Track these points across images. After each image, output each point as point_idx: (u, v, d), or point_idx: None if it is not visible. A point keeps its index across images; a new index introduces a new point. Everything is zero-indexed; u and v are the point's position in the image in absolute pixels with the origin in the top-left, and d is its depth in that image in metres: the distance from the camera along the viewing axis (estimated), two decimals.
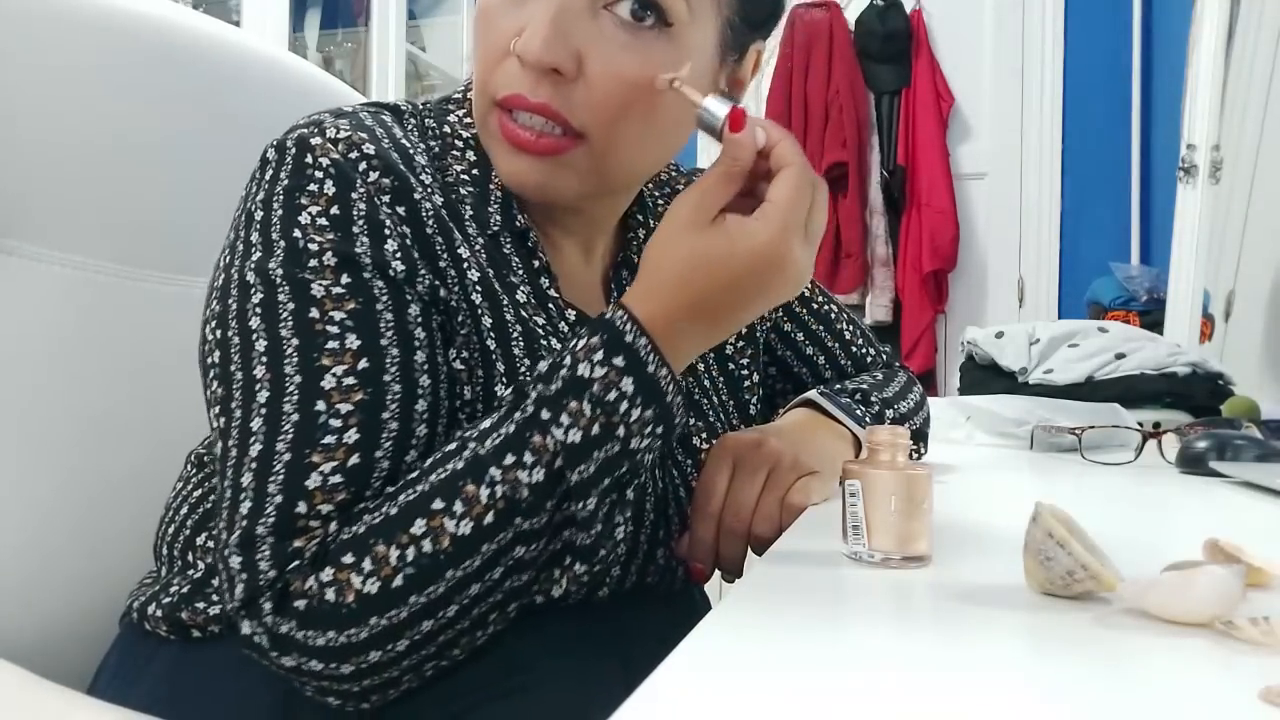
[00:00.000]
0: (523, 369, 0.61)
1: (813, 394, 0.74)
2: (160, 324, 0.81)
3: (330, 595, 0.50)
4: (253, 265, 0.56)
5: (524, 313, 0.63)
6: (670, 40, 0.59)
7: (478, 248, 0.62)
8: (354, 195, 0.57)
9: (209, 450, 0.69)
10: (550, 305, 0.65)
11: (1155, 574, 0.39)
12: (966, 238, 2.91)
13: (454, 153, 0.65)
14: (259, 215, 0.57)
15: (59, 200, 0.74)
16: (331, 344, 0.54)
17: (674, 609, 0.71)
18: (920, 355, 2.83)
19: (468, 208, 0.63)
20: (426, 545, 0.50)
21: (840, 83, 2.90)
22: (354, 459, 0.52)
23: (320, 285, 0.55)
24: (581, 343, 0.54)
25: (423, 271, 0.58)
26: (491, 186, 0.64)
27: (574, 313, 0.67)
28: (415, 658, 0.52)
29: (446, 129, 0.66)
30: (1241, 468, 0.86)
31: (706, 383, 0.75)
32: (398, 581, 0.50)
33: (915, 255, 2.86)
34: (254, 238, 0.57)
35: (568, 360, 0.53)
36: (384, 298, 0.56)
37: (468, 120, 0.66)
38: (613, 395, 0.52)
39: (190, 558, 0.66)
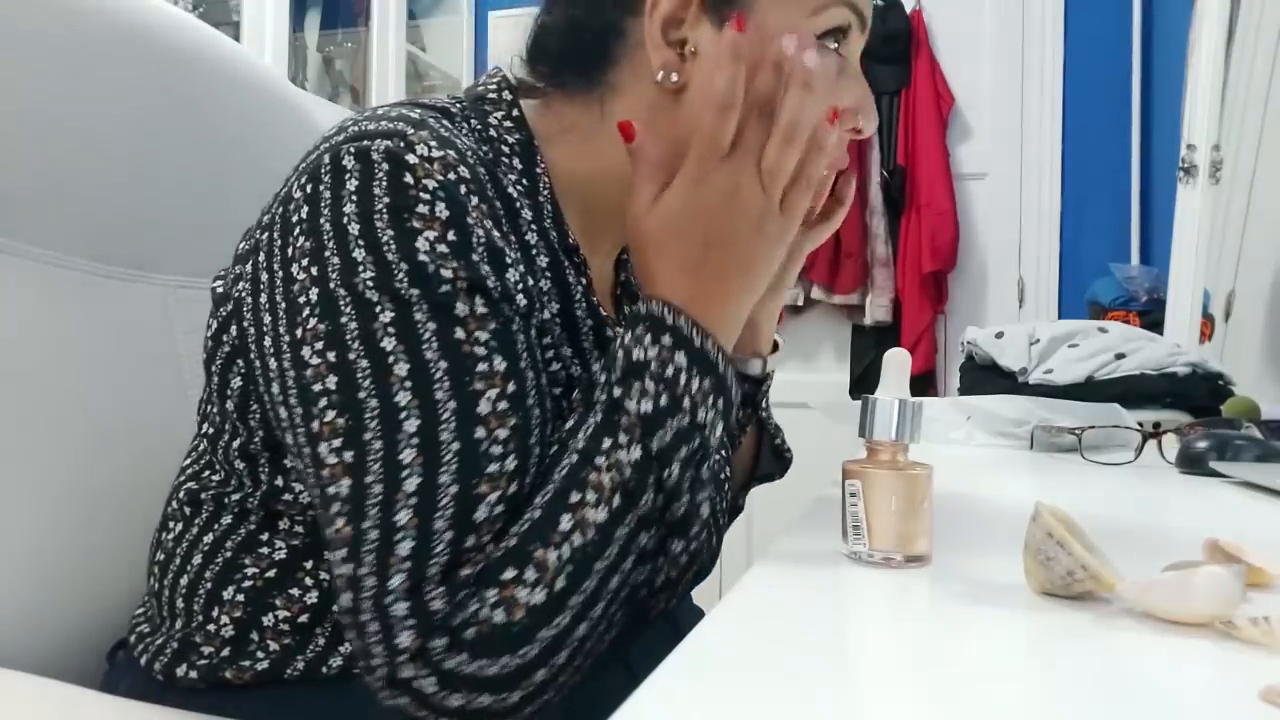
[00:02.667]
0: None
1: None
2: (142, 323, 0.81)
3: (499, 616, 0.48)
4: (370, 282, 0.52)
5: (590, 339, 0.65)
6: None
7: (544, 271, 0.62)
8: (469, 221, 0.54)
9: (224, 487, 0.64)
10: (607, 325, 0.66)
11: (1155, 574, 0.39)
12: (966, 238, 2.91)
13: (504, 160, 0.62)
14: (357, 229, 0.52)
15: (38, 196, 0.73)
16: (481, 366, 0.52)
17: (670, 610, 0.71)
18: (920, 355, 2.82)
19: (529, 225, 0.62)
20: (576, 539, 0.50)
21: None
22: (513, 487, 0.51)
23: (462, 305, 0.52)
24: (629, 334, 0.56)
25: (536, 302, 0.58)
26: (541, 199, 0.63)
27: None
28: (568, 672, 0.51)
29: (492, 133, 0.63)
30: (1241, 468, 0.86)
31: None
32: (560, 583, 0.49)
33: (915, 255, 2.86)
34: (358, 254, 0.52)
35: (620, 352, 0.55)
36: (514, 321, 0.55)
37: (508, 124, 0.64)
38: (670, 370, 0.54)
39: (215, 614, 0.61)
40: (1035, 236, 2.88)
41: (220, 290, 0.64)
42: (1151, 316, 2.00)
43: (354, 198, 0.53)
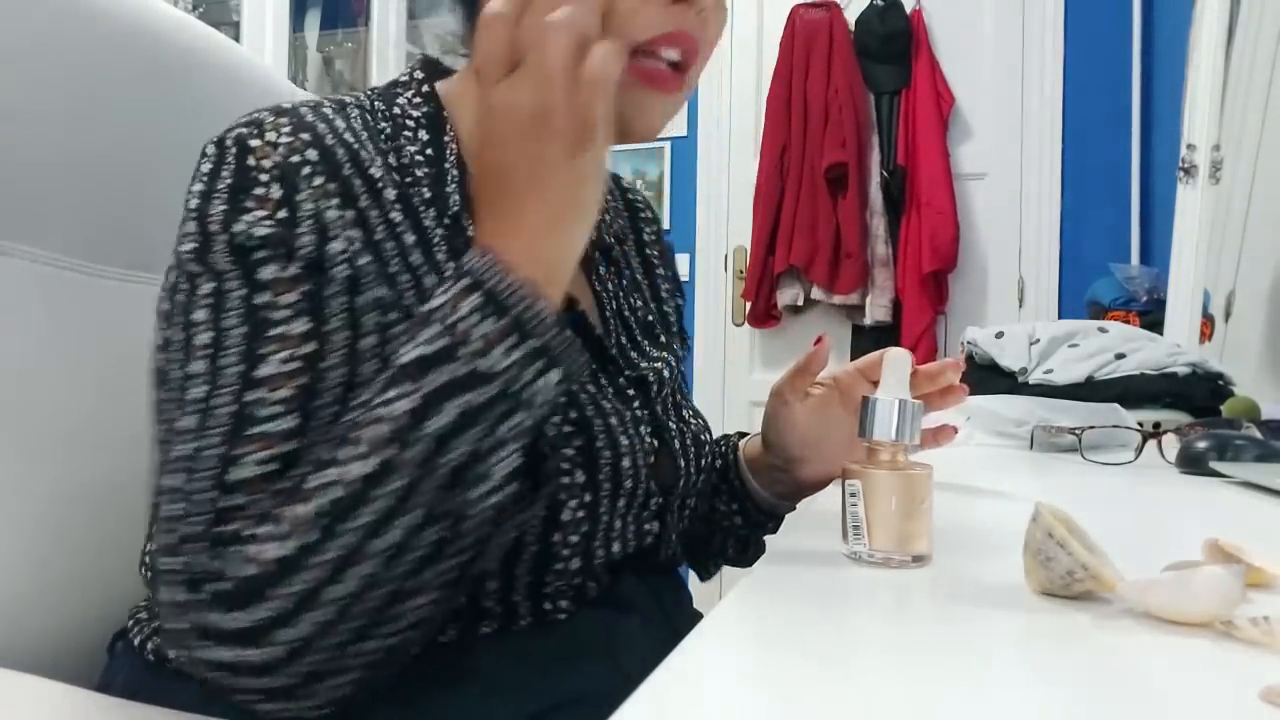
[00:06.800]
0: None
1: None
2: (140, 323, 0.80)
3: (250, 570, 0.48)
4: (192, 255, 0.55)
5: None
6: None
7: (436, 240, 0.61)
8: (299, 197, 0.55)
9: None
10: None
11: (1155, 574, 0.39)
12: (966, 238, 2.91)
13: (406, 134, 0.64)
14: (195, 205, 0.56)
15: (36, 196, 0.73)
16: (278, 329, 0.52)
17: (667, 611, 0.71)
18: (920, 355, 2.82)
19: (424, 190, 0.62)
20: (335, 492, 0.48)
21: (840, 83, 2.90)
22: (290, 444, 0.51)
23: (273, 270, 0.54)
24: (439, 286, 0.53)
25: (369, 278, 0.56)
26: (447, 166, 0.64)
27: None
28: (346, 633, 0.48)
29: (397, 111, 0.65)
30: (1241, 468, 0.86)
31: (649, 319, 0.78)
32: (311, 536, 0.47)
33: (915, 255, 2.86)
34: (191, 229, 0.55)
35: (427, 306, 0.52)
36: (333, 286, 0.55)
37: (417, 100, 0.66)
38: (459, 313, 0.50)
39: None
40: (1035, 236, 2.89)
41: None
42: (1151, 316, 2.00)
43: (204, 182, 0.56)
